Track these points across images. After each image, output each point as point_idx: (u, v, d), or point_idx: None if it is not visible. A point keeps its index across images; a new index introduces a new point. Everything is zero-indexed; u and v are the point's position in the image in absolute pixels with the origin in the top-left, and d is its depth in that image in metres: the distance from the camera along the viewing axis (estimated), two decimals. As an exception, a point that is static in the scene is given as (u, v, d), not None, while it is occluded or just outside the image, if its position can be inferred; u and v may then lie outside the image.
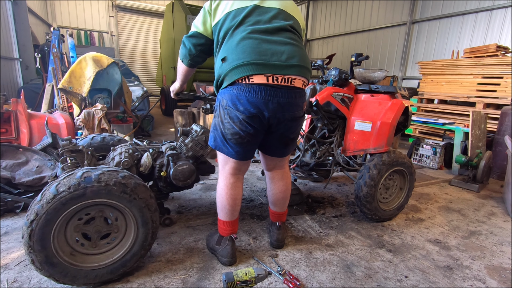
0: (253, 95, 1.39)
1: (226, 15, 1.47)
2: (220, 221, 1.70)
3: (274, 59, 1.39)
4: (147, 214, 1.48)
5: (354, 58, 2.23)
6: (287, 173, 1.82)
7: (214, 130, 1.58)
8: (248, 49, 1.38)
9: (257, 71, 1.37)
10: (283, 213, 1.88)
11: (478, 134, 3.70)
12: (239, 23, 1.44)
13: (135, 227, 1.48)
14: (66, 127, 3.03)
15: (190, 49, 1.61)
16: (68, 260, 1.36)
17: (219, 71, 1.48)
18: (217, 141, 1.58)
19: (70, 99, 3.51)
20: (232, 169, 1.62)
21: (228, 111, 1.46)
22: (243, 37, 1.40)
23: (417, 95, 5.48)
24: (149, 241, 1.53)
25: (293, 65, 1.42)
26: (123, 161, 1.76)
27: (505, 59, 4.22)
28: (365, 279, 1.63)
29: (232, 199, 1.62)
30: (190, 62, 1.66)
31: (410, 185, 2.35)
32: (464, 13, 6.22)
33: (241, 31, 1.42)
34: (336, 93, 2.20)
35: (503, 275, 1.74)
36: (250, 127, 1.46)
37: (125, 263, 1.49)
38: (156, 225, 1.54)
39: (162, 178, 1.89)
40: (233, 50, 1.40)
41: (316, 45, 11.04)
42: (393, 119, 2.12)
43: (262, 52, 1.38)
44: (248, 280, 1.42)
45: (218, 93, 1.55)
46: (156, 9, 11.22)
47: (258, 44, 1.38)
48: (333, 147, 2.38)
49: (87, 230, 1.43)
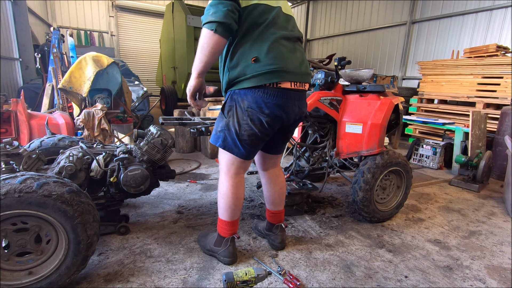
0: (280, 99, 1.46)
1: (255, 6, 1.40)
2: (222, 221, 1.68)
3: (297, 67, 1.50)
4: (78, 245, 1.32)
5: (337, 62, 2.23)
6: (281, 169, 1.90)
7: (225, 131, 1.53)
8: (280, 55, 1.43)
9: (286, 78, 1.46)
10: (282, 211, 1.89)
11: (478, 134, 3.70)
12: (269, 24, 1.43)
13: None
14: (66, 127, 3.03)
15: (229, 9, 1.29)
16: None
17: (246, 70, 1.40)
18: (227, 142, 1.54)
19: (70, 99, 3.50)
20: (238, 168, 1.62)
21: (249, 113, 1.45)
22: (275, 41, 1.42)
23: (417, 95, 5.48)
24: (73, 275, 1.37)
25: (306, 73, 1.57)
26: (66, 166, 1.65)
27: (505, 59, 4.22)
28: (365, 279, 1.63)
29: (238, 198, 1.63)
30: (229, 24, 1.30)
31: (407, 183, 2.35)
32: (464, 13, 6.22)
33: (272, 33, 1.43)
34: (323, 98, 2.16)
35: (503, 275, 1.74)
36: (270, 128, 1.51)
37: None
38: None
39: (113, 184, 1.79)
40: (266, 53, 1.40)
41: (316, 45, 11.03)
42: (383, 119, 2.10)
43: (290, 61, 1.47)
44: (248, 280, 1.42)
45: (234, 93, 1.48)
46: (156, 9, 11.22)
47: (287, 53, 1.46)
48: (326, 151, 2.37)
49: (11, 238, 1.29)
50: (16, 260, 1.32)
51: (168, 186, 2.89)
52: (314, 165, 2.45)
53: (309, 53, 11.37)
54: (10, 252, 1.31)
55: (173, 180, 2.99)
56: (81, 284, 1.49)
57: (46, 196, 1.25)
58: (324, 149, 2.40)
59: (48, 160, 1.94)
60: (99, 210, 1.87)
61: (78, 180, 1.73)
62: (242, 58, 1.42)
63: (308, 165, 2.52)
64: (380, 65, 8.35)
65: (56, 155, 1.97)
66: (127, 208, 2.37)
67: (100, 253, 1.75)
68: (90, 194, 1.77)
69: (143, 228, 2.06)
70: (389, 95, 2.27)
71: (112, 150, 1.93)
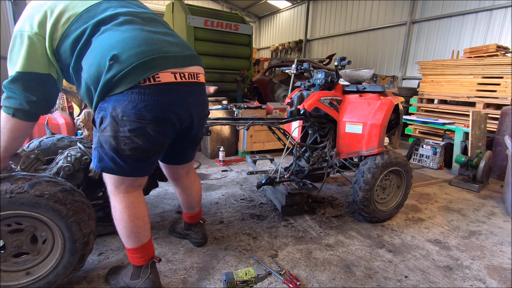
0: (165, 97, 1.18)
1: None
2: (131, 250, 1.37)
3: (172, 50, 1.22)
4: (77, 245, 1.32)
5: (337, 62, 2.23)
6: (195, 173, 1.82)
7: (97, 148, 1.24)
8: (141, 41, 1.16)
9: (162, 67, 1.17)
10: (200, 210, 1.89)
11: (478, 134, 3.70)
12: (100, 23, 1.19)
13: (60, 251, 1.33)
14: (66, 127, 3.03)
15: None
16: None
17: (108, 75, 1.12)
18: (104, 162, 1.24)
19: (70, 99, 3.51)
20: (130, 187, 1.31)
21: (126, 122, 1.15)
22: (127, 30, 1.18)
23: (417, 95, 5.48)
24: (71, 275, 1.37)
25: (189, 55, 1.29)
26: (64, 167, 1.64)
27: (505, 59, 4.22)
28: (365, 279, 1.63)
29: (137, 218, 1.32)
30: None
31: (407, 183, 2.35)
32: (464, 13, 6.22)
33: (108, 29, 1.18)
34: (323, 98, 2.17)
35: (503, 275, 1.74)
36: (161, 136, 1.25)
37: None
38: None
39: None
40: (124, 45, 1.13)
41: (316, 45, 11.03)
42: (383, 119, 2.10)
43: (156, 43, 1.19)
44: (248, 280, 1.42)
45: (103, 102, 1.18)
46: (156, 9, 11.21)
47: (148, 35, 1.19)
48: (326, 151, 2.37)
49: (7, 239, 1.28)
50: (13, 261, 1.32)
51: (168, 186, 2.89)
52: (314, 165, 2.45)
53: (309, 53, 11.37)
54: (6, 253, 1.30)
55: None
56: (81, 284, 1.49)
57: (38, 196, 1.23)
58: (324, 149, 2.40)
59: (47, 160, 1.94)
60: (97, 211, 1.87)
61: (76, 181, 1.72)
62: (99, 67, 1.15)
63: (308, 165, 2.52)
64: (380, 65, 8.35)
65: (56, 155, 1.96)
66: (127, 208, 2.36)
67: (100, 253, 1.75)
68: (89, 195, 1.77)
69: (143, 228, 2.06)
70: (389, 95, 2.27)
71: None
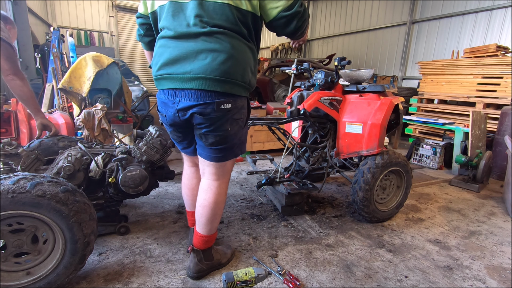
0: (161, 95, 1.51)
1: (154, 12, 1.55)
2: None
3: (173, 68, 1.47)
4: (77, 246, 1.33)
5: (337, 62, 2.22)
6: (214, 186, 1.47)
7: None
8: (155, 59, 1.57)
9: (163, 86, 1.49)
10: (201, 236, 1.51)
11: (478, 134, 3.70)
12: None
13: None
14: (66, 127, 3.02)
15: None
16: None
17: None
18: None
19: (70, 99, 3.50)
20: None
21: None
22: (157, 43, 1.58)
23: (417, 95, 5.48)
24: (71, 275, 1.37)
25: (188, 78, 1.47)
26: (65, 167, 1.65)
27: (505, 59, 4.22)
28: (365, 279, 1.63)
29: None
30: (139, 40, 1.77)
31: (407, 183, 2.35)
32: (464, 13, 6.21)
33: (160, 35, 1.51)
34: (323, 98, 2.16)
35: (503, 275, 1.74)
36: (169, 124, 1.53)
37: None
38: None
39: (112, 185, 1.78)
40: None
41: (316, 45, 11.03)
42: (383, 119, 2.10)
43: (162, 62, 1.49)
44: (248, 280, 1.42)
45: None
46: (156, 9, 11.20)
47: (163, 53, 1.49)
48: (326, 151, 2.37)
49: (8, 239, 1.29)
50: (13, 261, 1.32)
51: (168, 186, 2.89)
52: (314, 165, 2.45)
53: (309, 53, 11.37)
54: (7, 253, 1.30)
55: (173, 180, 2.99)
56: (81, 284, 1.49)
57: (40, 196, 1.24)
58: (324, 149, 2.40)
59: (47, 160, 1.94)
60: (98, 211, 1.87)
61: (76, 181, 1.72)
62: None
63: (308, 165, 2.52)
64: (380, 65, 8.34)
65: (56, 155, 1.96)
66: (127, 208, 2.37)
67: (100, 253, 1.75)
68: (89, 195, 1.77)
69: (143, 228, 2.06)
70: (389, 95, 2.27)
71: (111, 151, 1.93)
